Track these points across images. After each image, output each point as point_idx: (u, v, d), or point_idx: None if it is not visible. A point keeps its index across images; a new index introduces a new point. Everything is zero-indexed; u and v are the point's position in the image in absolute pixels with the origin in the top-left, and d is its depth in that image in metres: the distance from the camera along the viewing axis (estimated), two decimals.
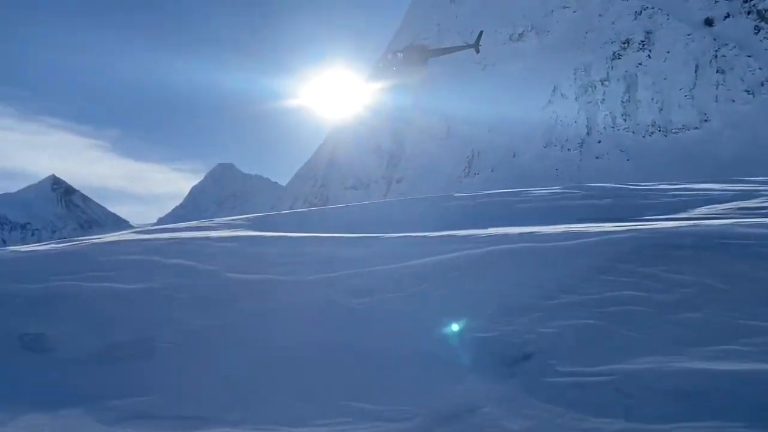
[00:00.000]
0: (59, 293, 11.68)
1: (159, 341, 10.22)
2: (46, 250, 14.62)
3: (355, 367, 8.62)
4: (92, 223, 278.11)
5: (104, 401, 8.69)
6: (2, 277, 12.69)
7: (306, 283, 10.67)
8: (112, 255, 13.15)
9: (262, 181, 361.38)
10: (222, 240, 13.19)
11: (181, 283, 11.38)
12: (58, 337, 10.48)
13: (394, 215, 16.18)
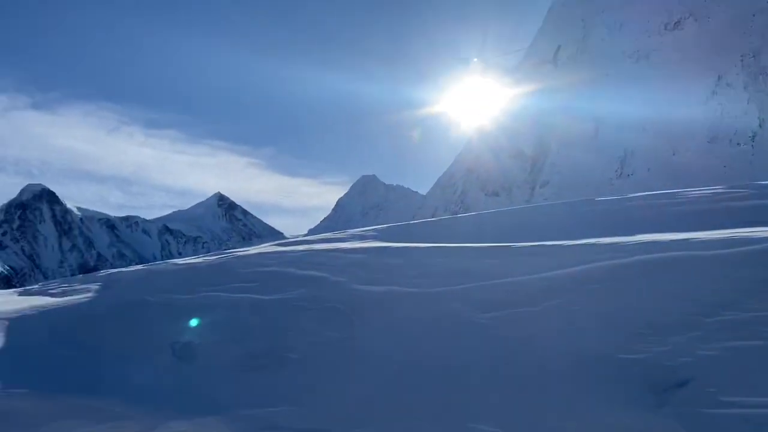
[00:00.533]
0: (205, 303, 12.44)
1: (290, 352, 10.44)
2: (197, 263, 15.74)
3: (482, 387, 8.07)
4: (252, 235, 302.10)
5: (238, 410, 8.99)
6: (160, 288, 13.83)
7: (431, 295, 10.29)
8: (252, 267, 13.80)
9: (403, 191, 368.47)
10: (351, 251, 13.27)
11: (312, 295, 11.56)
12: (204, 345, 11.12)
13: (529, 222, 15.27)
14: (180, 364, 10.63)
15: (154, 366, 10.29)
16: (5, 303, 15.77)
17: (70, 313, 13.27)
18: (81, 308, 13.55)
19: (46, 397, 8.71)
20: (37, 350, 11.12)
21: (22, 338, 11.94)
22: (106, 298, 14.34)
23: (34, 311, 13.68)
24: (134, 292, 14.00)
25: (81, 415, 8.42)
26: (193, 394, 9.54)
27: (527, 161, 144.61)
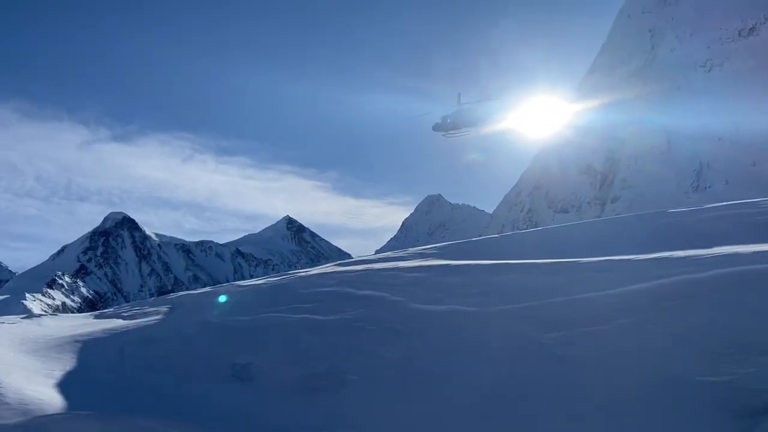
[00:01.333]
0: (265, 324, 12.46)
1: (349, 373, 10.23)
2: (260, 284, 15.89)
3: (550, 413, 7.55)
4: (320, 256, 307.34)
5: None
6: (222, 310, 14.01)
7: (494, 314, 9.85)
8: (312, 287, 13.76)
9: (469, 210, 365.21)
10: (410, 270, 12.99)
11: (371, 315, 11.34)
12: (263, 366, 11.07)
13: (597, 236, 14.52)
14: (239, 385, 10.62)
15: (213, 387, 10.33)
16: (82, 326, 16.43)
17: (138, 335, 13.63)
18: (148, 330, 13.89)
19: (111, 418, 8.85)
20: (105, 371, 11.42)
21: (93, 360, 12.32)
22: (171, 320, 14.67)
23: (106, 334, 14.14)
24: (198, 314, 14.24)
25: None
26: (251, 415, 9.45)
27: (597, 176, 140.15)
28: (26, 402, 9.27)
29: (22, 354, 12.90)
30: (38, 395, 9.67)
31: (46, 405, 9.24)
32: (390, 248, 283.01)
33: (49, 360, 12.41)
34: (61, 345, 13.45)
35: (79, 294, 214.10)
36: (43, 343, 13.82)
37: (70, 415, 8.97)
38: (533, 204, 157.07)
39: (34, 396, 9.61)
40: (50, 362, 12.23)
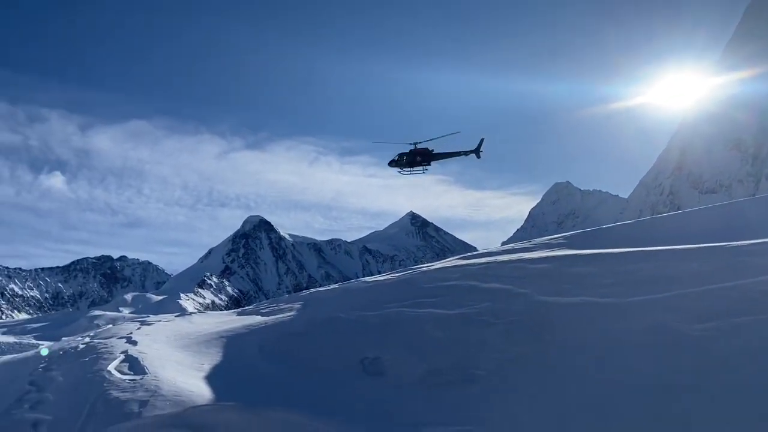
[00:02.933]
0: (391, 319, 12.60)
1: (476, 368, 10.02)
2: (384, 280, 16.11)
3: (697, 410, 6.86)
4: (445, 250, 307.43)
5: (427, 428, 8.79)
6: (350, 306, 14.37)
7: (631, 306, 9.15)
8: (435, 281, 13.69)
9: (601, 196, 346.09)
10: (536, 261, 12.48)
11: (496, 308, 11.05)
12: (391, 360, 11.20)
13: (745, 217, 13.03)
14: (369, 379, 10.81)
15: (346, 380, 10.59)
16: (226, 323, 17.68)
17: (275, 330, 14.37)
18: (284, 326, 14.60)
19: (251, 410, 9.38)
20: (246, 365, 12.15)
21: (236, 354, 13.18)
22: (305, 316, 15.31)
23: (246, 329, 15.07)
24: (329, 310, 14.73)
25: (279, 428, 8.89)
26: (381, 408, 9.58)
27: (748, 152, 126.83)
28: (179, 393, 10.10)
29: (175, 349, 14.13)
30: (189, 387, 10.50)
31: (196, 396, 10.00)
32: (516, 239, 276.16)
33: (198, 354, 13.46)
34: (208, 340, 14.54)
35: (225, 293, 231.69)
36: (193, 339, 15.03)
37: (217, 406, 9.63)
38: (675, 186, 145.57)
39: (185, 388, 10.45)
40: (199, 356, 13.25)
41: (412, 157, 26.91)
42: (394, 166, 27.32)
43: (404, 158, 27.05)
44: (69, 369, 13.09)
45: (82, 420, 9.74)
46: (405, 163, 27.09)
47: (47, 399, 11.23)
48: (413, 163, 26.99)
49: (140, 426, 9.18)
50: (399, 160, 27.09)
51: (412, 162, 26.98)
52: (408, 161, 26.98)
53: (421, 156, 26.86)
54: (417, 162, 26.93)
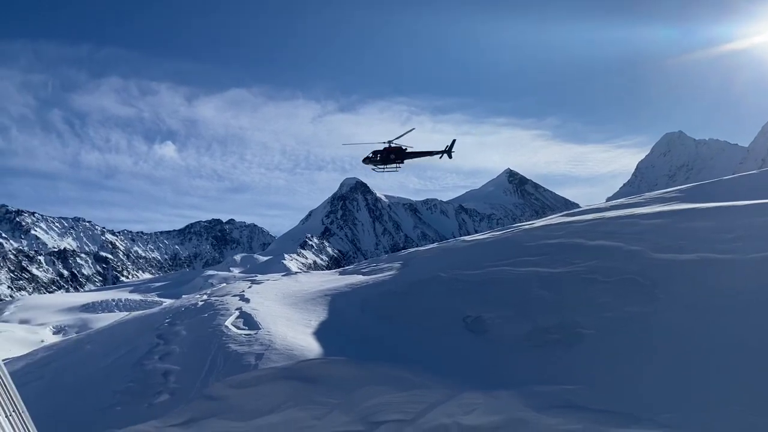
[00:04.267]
0: (492, 278, 12.49)
1: (583, 327, 9.77)
2: (484, 239, 15.94)
3: None
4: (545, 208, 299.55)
5: (532, 386, 8.74)
6: (450, 265, 14.39)
7: (755, 262, 8.48)
8: (538, 240, 13.36)
9: (719, 145, 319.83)
10: (649, 216, 11.81)
11: (604, 266, 10.64)
12: (493, 319, 11.16)
13: None
14: (472, 337, 10.85)
15: (448, 337, 10.69)
16: (330, 281, 18.33)
17: (377, 289, 14.71)
18: (385, 285, 14.91)
19: (358, 364, 9.74)
20: (351, 322, 12.57)
21: (341, 311, 13.66)
22: (405, 275, 15.53)
23: (349, 288, 15.55)
24: (428, 269, 14.84)
25: (387, 382, 9.18)
26: (485, 366, 9.61)
27: None
28: (291, 348, 10.66)
29: (284, 306, 14.87)
30: (299, 342, 11.05)
31: (306, 351, 10.51)
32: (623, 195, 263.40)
33: (305, 311, 14.09)
34: (314, 298, 15.17)
35: (326, 253, 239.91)
36: (300, 297, 15.73)
37: (326, 360, 10.08)
38: None
39: (296, 342, 11.01)
40: (307, 313, 13.88)
41: (386, 155, 27.77)
42: (368, 163, 28.19)
43: (378, 156, 27.90)
44: (190, 324, 14.17)
45: (205, 370, 10.55)
46: (379, 161, 27.86)
47: (174, 351, 12.24)
48: (387, 160, 27.79)
49: (257, 377, 9.82)
50: (373, 157, 27.97)
51: (386, 159, 27.77)
52: (382, 159, 27.85)
53: (395, 154, 27.67)
54: (391, 159, 27.73)
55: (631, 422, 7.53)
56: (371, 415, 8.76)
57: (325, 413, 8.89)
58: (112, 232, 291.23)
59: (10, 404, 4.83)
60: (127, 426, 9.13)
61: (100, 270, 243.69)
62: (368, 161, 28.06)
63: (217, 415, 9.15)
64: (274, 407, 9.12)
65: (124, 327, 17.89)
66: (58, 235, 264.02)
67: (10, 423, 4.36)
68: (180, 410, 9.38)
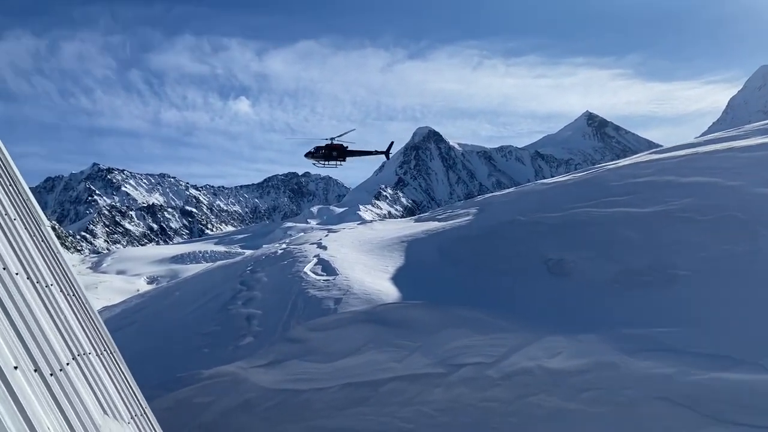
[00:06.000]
0: (575, 220, 11.93)
1: (678, 268, 9.16)
2: (565, 181, 15.23)
3: None
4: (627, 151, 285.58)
5: (620, 329, 8.33)
6: (528, 208, 13.87)
7: None
8: (625, 179, 12.58)
9: None
10: (749, 149, 10.79)
11: (700, 204, 9.86)
12: (577, 262, 10.68)
13: None
14: (554, 280, 10.46)
15: (529, 281, 10.35)
16: (405, 228, 18.26)
17: (453, 234, 14.46)
18: (462, 229, 14.63)
19: (437, 308, 9.62)
20: (428, 267, 12.44)
21: (417, 257, 13.56)
22: (481, 219, 15.16)
23: (425, 234, 15.39)
24: (506, 213, 14.39)
25: (466, 325, 9.03)
26: (569, 309, 9.24)
27: None
28: (368, 292, 10.69)
29: (361, 253, 14.94)
30: (377, 287, 11.05)
31: (384, 295, 10.50)
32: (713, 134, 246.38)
33: (382, 257, 14.10)
34: (390, 245, 15.13)
35: (400, 203, 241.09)
36: (376, 244, 15.76)
37: (403, 304, 10.03)
38: None
39: (373, 287, 11.02)
40: (383, 259, 13.88)
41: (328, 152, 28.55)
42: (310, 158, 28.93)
43: (321, 152, 28.63)
44: (271, 271, 14.53)
45: (287, 314, 10.79)
46: (321, 156, 28.66)
47: (256, 297, 12.61)
48: (329, 157, 28.61)
49: (336, 321, 9.93)
50: (315, 153, 28.73)
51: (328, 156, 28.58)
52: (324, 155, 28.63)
53: (336, 151, 28.44)
54: (332, 156, 28.55)
55: (733, 365, 7.05)
56: (451, 357, 8.66)
57: (405, 356, 8.88)
58: (196, 187, 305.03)
59: (101, 344, 5.01)
60: (215, 366, 9.51)
61: (186, 223, 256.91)
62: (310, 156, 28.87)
63: (299, 357, 9.36)
64: (354, 349, 9.20)
65: (210, 275, 18.67)
66: (146, 191, 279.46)
67: (101, 360, 4.50)
68: (263, 352, 9.67)
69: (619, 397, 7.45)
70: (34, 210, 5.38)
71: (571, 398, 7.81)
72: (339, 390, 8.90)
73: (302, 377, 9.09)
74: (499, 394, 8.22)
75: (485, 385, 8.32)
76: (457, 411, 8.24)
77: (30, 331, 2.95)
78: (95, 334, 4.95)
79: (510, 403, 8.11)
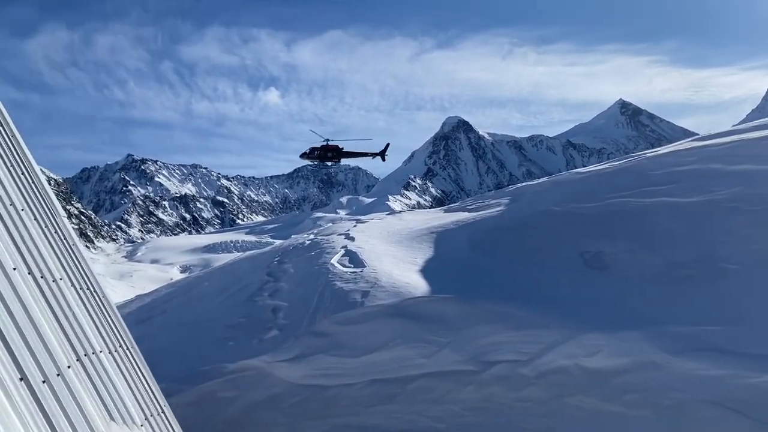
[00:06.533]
0: (613, 210, 11.38)
1: (726, 262, 8.59)
2: (602, 170, 14.62)
3: None
4: (662, 140, 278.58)
5: (665, 326, 7.83)
6: (563, 198, 13.34)
7: None
8: (667, 167, 11.95)
9: None
10: None
11: (749, 193, 9.26)
12: (616, 254, 10.17)
13: None
14: (592, 274, 9.97)
15: (564, 275, 9.88)
16: (434, 219, 17.86)
17: (484, 225, 14.01)
18: (493, 221, 14.17)
19: (467, 302, 9.23)
20: (458, 259, 12.04)
21: (446, 248, 13.16)
22: (514, 210, 14.67)
23: (455, 225, 14.97)
24: (539, 203, 13.88)
25: (499, 321, 8.63)
26: (608, 305, 8.76)
27: None
28: (396, 285, 10.35)
29: (389, 244, 14.61)
30: (405, 279, 10.70)
31: (412, 288, 10.14)
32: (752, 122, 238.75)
33: (410, 249, 13.74)
34: (419, 236, 14.76)
35: (429, 194, 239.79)
36: (405, 235, 15.40)
37: (433, 298, 9.67)
38: None
39: (402, 280, 10.68)
40: (412, 251, 13.52)
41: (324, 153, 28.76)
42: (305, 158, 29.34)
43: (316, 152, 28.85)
44: (298, 262, 14.30)
45: (313, 307, 10.53)
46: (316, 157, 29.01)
47: (282, 288, 12.39)
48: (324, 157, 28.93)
49: (363, 314, 9.62)
50: (311, 153, 29.01)
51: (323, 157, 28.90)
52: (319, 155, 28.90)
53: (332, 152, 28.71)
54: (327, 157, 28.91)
55: None
56: (483, 354, 8.28)
57: (435, 351, 8.53)
58: (227, 177, 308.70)
59: (116, 340, 4.78)
60: (240, 360, 9.31)
61: (217, 213, 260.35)
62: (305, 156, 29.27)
63: (325, 351, 9.09)
64: (381, 344, 8.89)
65: (238, 265, 18.58)
66: (179, 181, 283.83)
67: (113, 358, 4.26)
68: (289, 346, 9.42)
69: (664, 400, 6.99)
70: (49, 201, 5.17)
71: (611, 400, 7.38)
72: (366, 386, 8.61)
73: (328, 372, 8.83)
74: (533, 393, 7.82)
75: (519, 384, 7.93)
76: (490, 410, 7.88)
77: (22, 334, 2.68)
78: (109, 330, 4.72)
79: (545, 404, 7.70)
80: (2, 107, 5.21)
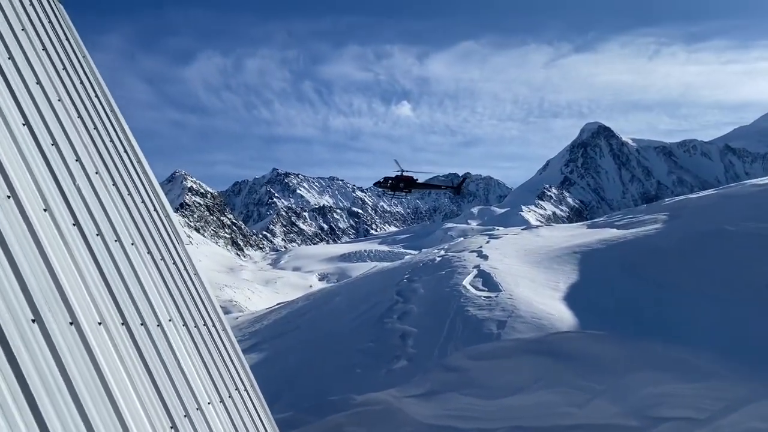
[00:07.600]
0: None
1: None
2: None
3: None
4: None
5: None
6: (739, 216, 11.36)
7: None
8: None
9: None
10: None
11: None
12: None
13: None
14: None
15: (751, 311, 8.15)
16: (577, 236, 16.29)
17: (639, 245, 12.36)
18: (649, 240, 12.46)
19: (626, 341, 7.89)
20: (609, 286, 10.60)
21: (593, 272, 11.72)
22: (674, 228, 12.81)
23: (602, 244, 13.41)
24: (707, 221, 11.97)
25: (667, 368, 7.21)
26: None
27: None
28: (538, 316, 9.22)
29: (526, 264, 13.40)
30: (548, 309, 9.54)
31: (557, 321, 8.97)
32: None
33: (551, 271, 12.45)
34: (560, 256, 13.40)
35: (566, 204, 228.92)
36: (544, 254, 14.08)
37: (582, 333, 8.44)
38: None
39: (544, 309, 9.52)
40: (553, 273, 12.23)
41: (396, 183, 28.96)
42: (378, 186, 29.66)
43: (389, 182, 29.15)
44: (428, 281, 13.57)
45: (444, 336, 9.71)
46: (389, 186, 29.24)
47: (412, 311, 11.70)
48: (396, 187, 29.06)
49: (500, 349, 8.61)
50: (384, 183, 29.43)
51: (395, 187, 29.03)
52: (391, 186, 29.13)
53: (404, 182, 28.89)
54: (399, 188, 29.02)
55: None
56: (648, 408, 6.92)
57: (587, 400, 7.31)
58: (361, 189, 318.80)
59: (232, 382, 4.31)
60: (367, 392, 8.71)
61: (352, 224, 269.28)
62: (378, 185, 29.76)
63: (457, 390, 8.20)
64: (522, 386, 7.83)
65: (369, 280, 18.29)
66: (318, 193, 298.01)
67: (223, 406, 3.75)
68: (418, 380, 8.67)
69: None
70: (183, 249, 4.76)
71: None
72: None
73: (463, 414, 7.92)
74: None
75: None
76: None
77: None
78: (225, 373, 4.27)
79: None
80: (126, 127, 4.93)
